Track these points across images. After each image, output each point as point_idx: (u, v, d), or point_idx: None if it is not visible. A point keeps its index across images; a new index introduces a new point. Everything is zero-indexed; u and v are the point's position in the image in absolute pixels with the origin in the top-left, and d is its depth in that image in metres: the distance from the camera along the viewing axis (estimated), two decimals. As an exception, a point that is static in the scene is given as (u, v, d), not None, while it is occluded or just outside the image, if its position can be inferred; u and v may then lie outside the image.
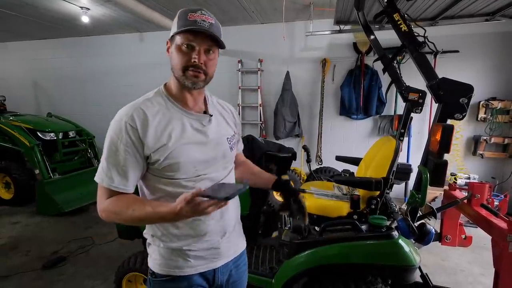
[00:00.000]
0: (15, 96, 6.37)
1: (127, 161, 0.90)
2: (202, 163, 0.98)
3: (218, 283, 1.08)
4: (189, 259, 1.00)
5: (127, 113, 0.93)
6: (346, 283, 1.63)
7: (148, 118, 0.92)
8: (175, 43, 0.94)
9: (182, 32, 0.90)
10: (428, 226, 1.60)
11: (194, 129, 0.99)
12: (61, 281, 2.61)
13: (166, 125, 0.94)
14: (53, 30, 5.44)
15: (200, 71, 0.93)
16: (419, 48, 1.71)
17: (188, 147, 0.96)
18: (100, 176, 0.93)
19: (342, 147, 4.88)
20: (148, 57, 5.57)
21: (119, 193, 0.92)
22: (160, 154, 0.92)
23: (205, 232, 1.01)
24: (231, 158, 1.10)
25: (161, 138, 0.92)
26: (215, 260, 1.05)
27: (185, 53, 0.91)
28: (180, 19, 0.91)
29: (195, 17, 0.89)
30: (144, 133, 0.91)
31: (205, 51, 0.93)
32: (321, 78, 4.80)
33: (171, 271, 1.00)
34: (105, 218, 0.92)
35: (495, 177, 4.24)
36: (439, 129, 1.48)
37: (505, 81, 4.16)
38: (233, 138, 1.11)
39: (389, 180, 1.83)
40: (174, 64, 0.95)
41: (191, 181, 0.97)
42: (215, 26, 0.92)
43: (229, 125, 1.13)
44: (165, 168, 0.94)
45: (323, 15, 4.41)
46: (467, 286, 2.53)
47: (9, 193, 4.48)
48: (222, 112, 1.13)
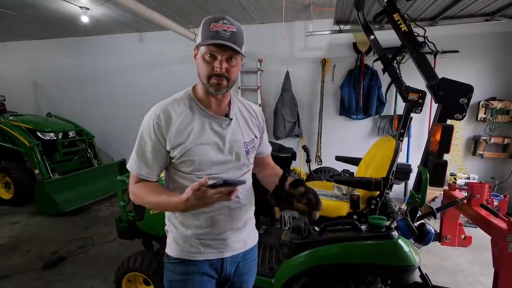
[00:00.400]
0: (15, 96, 6.38)
1: (152, 154, 1.03)
2: (215, 164, 1.06)
3: (225, 272, 1.16)
4: (198, 246, 1.10)
5: (155, 112, 1.04)
6: (346, 283, 1.63)
7: (172, 117, 1.02)
8: (200, 52, 1.01)
9: (205, 44, 0.96)
10: (427, 226, 1.61)
11: (213, 130, 1.06)
12: (60, 281, 2.61)
13: (187, 124, 1.04)
14: (53, 30, 5.44)
15: (223, 78, 0.99)
16: (419, 48, 1.71)
17: (204, 147, 1.04)
18: (131, 165, 1.08)
19: (342, 147, 4.88)
20: (148, 57, 5.57)
21: (145, 180, 1.06)
22: (178, 151, 1.02)
23: (212, 224, 1.09)
24: (246, 161, 1.14)
25: (181, 136, 1.02)
26: (223, 250, 1.12)
27: (209, 62, 0.98)
28: (204, 29, 0.97)
29: (217, 28, 0.95)
30: (167, 130, 1.02)
31: (227, 59, 0.99)
32: (321, 78, 4.81)
33: (182, 255, 1.11)
34: (132, 200, 1.08)
35: (494, 177, 4.24)
36: (439, 129, 1.48)
37: (505, 81, 4.16)
38: (251, 143, 1.15)
39: (388, 180, 1.83)
40: (200, 72, 1.02)
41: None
42: (236, 33, 0.97)
43: (251, 129, 1.17)
44: (181, 164, 1.04)
45: (323, 15, 4.41)
46: (466, 286, 2.53)
47: (9, 193, 4.47)
48: (246, 116, 1.17)
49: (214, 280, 1.16)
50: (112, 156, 6.06)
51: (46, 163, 4.25)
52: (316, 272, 1.72)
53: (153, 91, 5.55)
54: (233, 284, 1.21)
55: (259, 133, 1.22)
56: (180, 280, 1.11)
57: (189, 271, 1.11)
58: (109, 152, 6.12)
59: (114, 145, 6.11)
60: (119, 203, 2.34)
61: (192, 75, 4.72)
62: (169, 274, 1.14)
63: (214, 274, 1.14)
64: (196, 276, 1.11)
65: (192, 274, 1.11)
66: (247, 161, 1.14)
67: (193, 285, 1.11)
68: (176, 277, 1.12)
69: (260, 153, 1.27)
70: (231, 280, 1.19)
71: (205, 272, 1.12)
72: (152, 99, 5.75)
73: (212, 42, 0.94)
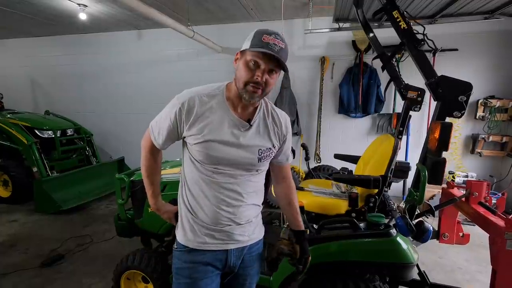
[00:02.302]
0: (13, 94, 6.34)
1: (166, 130, 1.13)
2: (224, 162, 1.10)
3: (230, 264, 1.20)
4: (204, 236, 1.15)
5: (184, 96, 1.10)
6: (344, 280, 1.63)
7: (196, 107, 1.08)
8: (244, 58, 1.03)
9: (253, 51, 1.00)
10: (426, 224, 1.61)
11: (230, 131, 1.10)
12: (59, 279, 2.60)
13: (207, 118, 1.09)
14: (51, 28, 5.41)
15: (260, 87, 1.03)
16: (418, 46, 1.71)
17: (217, 144, 1.08)
18: (151, 125, 1.20)
19: (341, 145, 4.88)
20: (146, 55, 5.55)
21: (154, 146, 1.20)
22: (192, 140, 1.10)
23: (215, 216, 1.14)
24: (258, 166, 1.17)
25: (198, 127, 1.08)
26: (227, 242, 1.17)
27: (251, 69, 1.02)
28: (255, 38, 1.01)
29: (268, 40, 0.99)
30: (187, 118, 1.08)
31: (269, 71, 1.02)
32: (320, 76, 4.80)
33: (189, 243, 1.17)
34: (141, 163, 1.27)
35: (493, 175, 4.25)
36: (437, 126, 1.48)
37: (504, 79, 4.16)
38: (267, 151, 1.17)
39: (387, 178, 1.83)
40: (239, 76, 1.05)
41: (209, 170, 1.12)
42: (284, 51, 1.02)
43: (270, 138, 1.18)
44: (194, 151, 1.12)
45: (322, 12, 4.40)
46: (464, 284, 2.54)
47: (7, 191, 4.46)
48: (269, 124, 1.18)
49: (218, 270, 1.20)
50: (110, 154, 6.05)
51: (44, 161, 4.25)
52: (315, 270, 1.72)
53: (151, 88, 5.53)
54: (238, 276, 1.25)
55: (279, 143, 1.22)
56: (186, 268, 1.17)
57: (195, 260, 1.16)
58: (107, 150, 6.10)
59: (112, 143, 6.09)
60: (117, 201, 2.34)
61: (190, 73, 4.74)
62: (177, 261, 1.20)
63: (219, 265, 1.19)
64: (201, 265, 1.16)
65: (197, 263, 1.16)
66: (259, 167, 1.17)
67: (198, 274, 1.16)
68: (182, 265, 1.18)
69: (278, 162, 1.28)
70: (237, 272, 1.24)
71: (210, 263, 1.17)
72: (150, 96, 5.74)
73: (262, 50, 0.98)
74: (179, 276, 1.19)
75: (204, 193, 1.13)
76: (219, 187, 1.12)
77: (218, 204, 1.13)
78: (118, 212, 2.37)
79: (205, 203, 1.14)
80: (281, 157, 1.28)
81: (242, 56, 1.04)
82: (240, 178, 1.14)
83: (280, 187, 1.34)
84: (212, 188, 1.12)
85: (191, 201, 1.17)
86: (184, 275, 1.17)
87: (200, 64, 5.13)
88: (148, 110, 5.58)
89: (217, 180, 1.12)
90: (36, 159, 4.15)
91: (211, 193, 1.12)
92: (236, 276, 1.25)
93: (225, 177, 1.12)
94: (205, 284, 1.16)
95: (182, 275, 1.17)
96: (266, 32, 1.01)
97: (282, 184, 1.33)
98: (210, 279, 1.17)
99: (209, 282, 1.17)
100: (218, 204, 1.13)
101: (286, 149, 1.27)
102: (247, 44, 1.02)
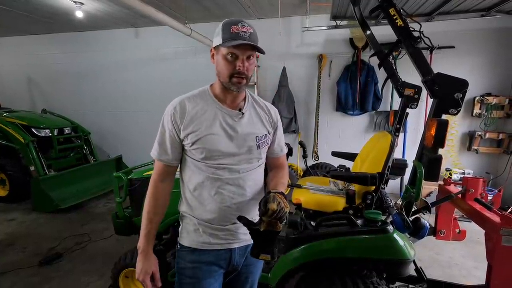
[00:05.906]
0: (9, 92, 6.32)
1: (169, 141, 1.14)
2: (226, 154, 1.12)
3: (234, 263, 1.21)
4: (208, 236, 1.16)
5: (174, 103, 1.14)
6: (342, 277, 1.64)
7: (187, 108, 1.11)
8: (220, 53, 1.06)
9: (227, 45, 1.02)
10: (422, 221, 1.62)
11: (225, 122, 1.12)
12: (57, 277, 2.60)
13: (201, 115, 1.11)
14: (47, 25, 5.37)
15: (243, 76, 1.06)
16: (415, 43, 1.71)
17: (215, 137, 1.10)
18: (153, 152, 1.18)
19: (338, 142, 4.90)
20: (144, 53, 5.53)
21: (167, 166, 1.17)
22: (190, 139, 1.10)
23: (220, 215, 1.15)
24: (257, 154, 1.18)
25: (193, 125, 1.10)
26: (231, 241, 1.18)
27: (230, 62, 1.04)
28: (224, 31, 1.03)
29: (237, 30, 1.02)
30: (181, 119, 1.10)
31: (247, 58, 1.06)
32: (318, 74, 4.80)
33: (193, 243, 1.17)
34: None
35: (489, 172, 4.29)
36: (434, 123, 1.49)
37: (500, 76, 4.18)
38: (263, 138, 1.19)
39: (384, 175, 1.84)
40: (221, 70, 1.08)
41: (212, 167, 1.12)
42: (253, 34, 1.05)
43: (264, 124, 1.21)
44: (193, 151, 1.12)
45: (320, 10, 4.40)
46: (460, 279, 2.56)
47: (4, 190, 4.44)
48: (259, 112, 1.22)
49: (222, 269, 1.21)
50: (108, 153, 6.03)
51: (42, 160, 4.23)
52: (312, 267, 1.73)
53: (149, 86, 5.52)
54: (240, 274, 1.26)
55: (272, 129, 1.24)
56: (190, 268, 1.17)
57: (198, 260, 1.17)
58: (105, 149, 6.09)
59: (110, 142, 6.07)
60: (115, 199, 2.34)
61: (188, 71, 4.73)
62: (180, 261, 1.20)
63: (223, 264, 1.20)
64: (205, 265, 1.17)
65: (201, 263, 1.17)
66: (258, 155, 1.19)
67: (201, 273, 1.16)
68: (186, 264, 1.18)
69: (273, 153, 1.29)
70: (240, 270, 1.25)
71: (213, 262, 1.18)
72: (148, 94, 5.73)
73: (237, 43, 1.00)
74: (182, 276, 1.19)
75: (209, 193, 1.14)
76: (223, 184, 1.13)
77: (223, 201, 1.13)
78: (116, 210, 2.37)
79: (209, 202, 1.14)
80: (276, 147, 1.29)
81: (218, 51, 1.07)
82: (243, 173, 1.15)
83: (272, 173, 1.29)
84: (217, 185, 1.13)
85: (194, 205, 1.17)
86: (188, 275, 1.17)
87: (197, 62, 5.07)
88: (146, 108, 5.57)
89: (221, 177, 1.12)
90: (33, 158, 4.14)
91: (216, 191, 1.13)
92: (238, 274, 1.26)
93: (229, 172, 1.13)
94: (209, 284, 1.16)
95: (185, 275, 1.18)
96: (232, 22, 1.03)
97: (275, 171, 1.30)
98: (213, 279, 1.18)
99: (213, 281, 1.18)
100: (223, 201, 1.13)
101: (279, 139, 1.29)
102: (219, 39, 1.04)
